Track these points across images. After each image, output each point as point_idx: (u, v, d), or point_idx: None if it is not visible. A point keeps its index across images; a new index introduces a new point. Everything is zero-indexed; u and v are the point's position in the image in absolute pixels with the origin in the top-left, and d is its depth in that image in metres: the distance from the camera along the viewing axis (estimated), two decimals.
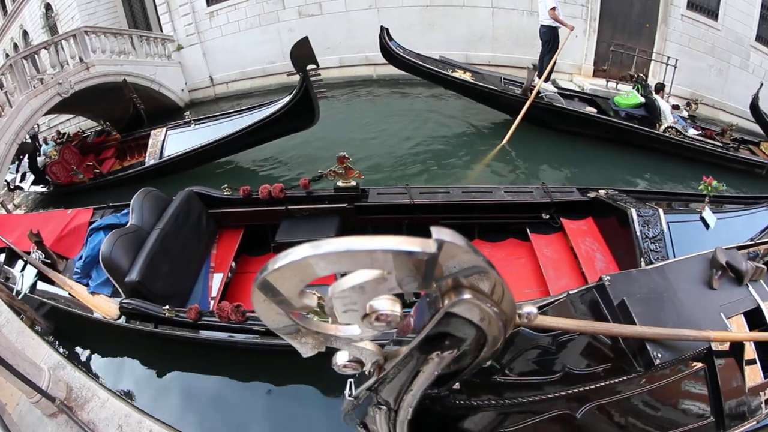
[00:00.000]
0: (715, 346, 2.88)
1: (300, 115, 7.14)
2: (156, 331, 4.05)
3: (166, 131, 8.23)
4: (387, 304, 0.73)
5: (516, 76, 8.93)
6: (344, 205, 4.58)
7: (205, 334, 3.92)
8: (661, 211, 4.10)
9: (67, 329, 5.25)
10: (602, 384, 2.36)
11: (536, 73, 8.14)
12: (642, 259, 3.73)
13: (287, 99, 7.01)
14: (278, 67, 11.47)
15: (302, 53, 6.35)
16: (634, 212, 3.99)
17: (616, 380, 2.41)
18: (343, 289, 0.70)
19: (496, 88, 8.29)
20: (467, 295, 0.75)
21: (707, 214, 4.39)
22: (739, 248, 4.28)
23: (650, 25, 11.95)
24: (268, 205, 4.73)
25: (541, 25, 9.20)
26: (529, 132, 8.12)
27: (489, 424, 2.14)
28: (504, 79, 8.66)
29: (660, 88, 9.15)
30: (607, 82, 10.89)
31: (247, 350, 4.13)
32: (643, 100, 8.68)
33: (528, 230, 4.42)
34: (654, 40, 12.05)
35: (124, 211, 4.94)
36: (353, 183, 4.49)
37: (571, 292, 2.84)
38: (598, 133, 8.40)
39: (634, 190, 4.98)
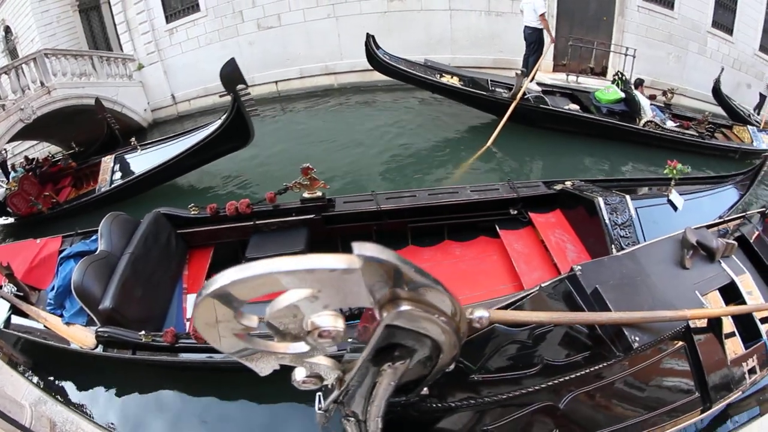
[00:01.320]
0: (692, 324, 2.93)
1: (235, 134, 7.10)
2: (134, 358, 3.96)
3: (115, 158, 8.14)
4: (329, 320, 0.73)
5: (502, 77, 9.18)
6: (312, 216, 4.54)
7: (183, 356, 3.85)
8: (628, 197, 4.16)
9: (46, 363, 5.08)
10: (583, 372, 2.38)
11: (524, 76, 8.30)
12: (613, 246, 3.77)
13: (221, 120, 6.97)
14: None
15: (231, 74, 6.35)
16: (601, 201, 4.04)
17: (597, 367, 2.43)
18: (278, 309, 0.71)
19: (485, 93, 8.47)
20: (405, 307, 0.75)
21: (674, 196, 4.47)
22: (709, 227, 4.37)
23: (607, 18, 12.23)
24: (236, 221, 4.68)
25: (526, 27, 9.41)
26: (515, 131, 8.21)
27: (469, 422, 2.13)
28: (491, 81, 8.82)
29: (639, 83, 9.56)
30: (567, 76, 11.09)
31: (227, 369, 4.07)
32: (623, 95, 8.97)
33: (497, 227, 4.43)
34: (612, 32, 12.32)
35: (93, 237, 4.83)
36: (319, 193, 4.45)
37: (543, 285, 2.85)
38: (581, 130, 8.70)
39: (599, 179, 5.06)
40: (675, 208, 4.47)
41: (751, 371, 3.26)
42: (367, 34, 8.24)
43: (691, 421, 2.80)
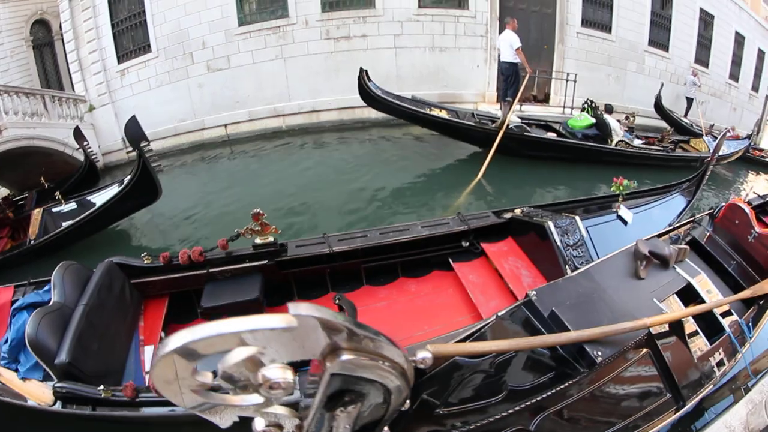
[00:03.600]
0: (654, 330, 3.01)
1: (143, 190, 7.09)
2: (94, 414, 3.75)
3: (43, 211, 7.92)
4: (278, 373, 0.77)
5: (483, 111, 9.94)
6: (265, 261, 4.45)
7: (145, 411, 3.69)
8: (577, 218, 4.26)
9: (1, 421, 4.89)
10: (549, 393, 2.40)
11: (509, 105, 8.78)
12: (567, 267, 3.82)
13: (129, 177, 6.97)
14: (189, 125, 11.26)
15: (134, 132, 6.35)
16: (551, 224, 4.11)
17: (563, 386, 2.46)
18: (228, 366, 0.76)
19: (473, 124, 8.89)
20: (346, 357, 0.80)
21: (623, 211, 4.64)
22: (660, 235, 4.53)
23: (548, 47, 12.88)
24: (190, 270, 4.57)
25: (503, 62, 9.90)
26: (498, 162, 8.40)
27: None
28: (476, 113, 9.35)
29: (610, 109, 10.42)
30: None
31: (190, 423, 3.95)
32: (593, 120, 9.91)
33: (450, 260, 4.42)
34: (553, 59, 12.95)
35: (46, 288, 4.66)
36: (271, 239, 4.38)
37: (500, 313, 2.89)
38: (561, 155, 9.45)
39: (548, 203, 5.15)
40: (625, 222, 4.62)
41: (719, 364, 3.38)
42: (360, 68, 8.34)
43: (667, 422, 2.86)
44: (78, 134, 9.18)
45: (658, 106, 13.34)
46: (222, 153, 10.73)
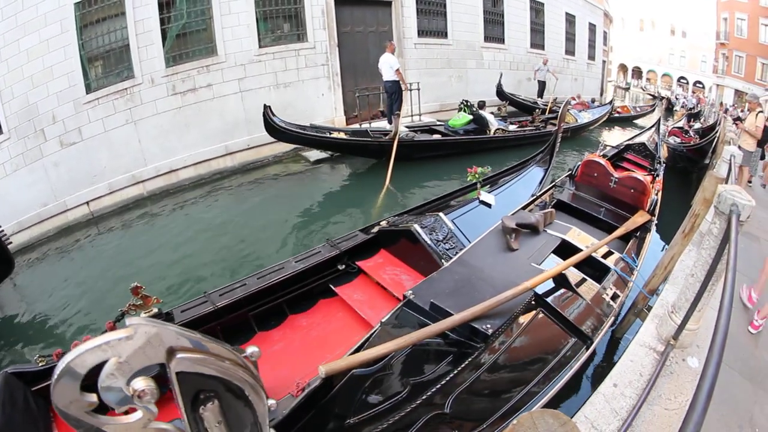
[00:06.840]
0: (540, 290, 3.23)
1: None
2: None
3: None
4: (142, 383, 0.93)
5: (376, 128, 10.89)
6: None
7: None
8: (441, 214, 4.53)
9: None
10: (452, 375, 2.54)
11: (398, 118, 9.61)
12: (443, 260, 3.99)
13: None
14: (52, 209, 10.30)
15: None
16: (417, 227, 4.32)
17: (464, 365, 2.61)
18: (103, 379, 0.90)
19: (370, 140, 9.67)
20: (181, 355, 0.97)
21: (485, 196, 5.04)
22: (525, 207, 4.86)
23: None
24: None
25: (386, 81, 11.02)
26: (398, 169, 8.96)
27: None
28: (370, 130, 10.22)
29: (482, 105, 12.29)
30: (361, 124, 11.86)
31: None
32: (471, 117, 11.44)
33: (332, 286, 4.44)
34: None
35: None
36: (155, 310, 4.22)
37: (384, 320, 3.00)
38: (449, 152, 10.71)
39: (411, 208, 5.38)
40: (489, 205, 4.92)
41: (614, 297, 3.77)
42: (264, 105, 8.64)
43: (582, 360, 3.06)
44: None
45: (500, 93, 14.65)
46: (89, 233, 9.99)
